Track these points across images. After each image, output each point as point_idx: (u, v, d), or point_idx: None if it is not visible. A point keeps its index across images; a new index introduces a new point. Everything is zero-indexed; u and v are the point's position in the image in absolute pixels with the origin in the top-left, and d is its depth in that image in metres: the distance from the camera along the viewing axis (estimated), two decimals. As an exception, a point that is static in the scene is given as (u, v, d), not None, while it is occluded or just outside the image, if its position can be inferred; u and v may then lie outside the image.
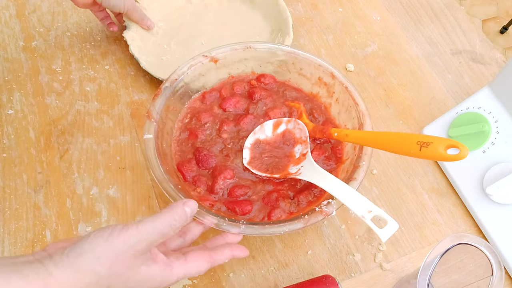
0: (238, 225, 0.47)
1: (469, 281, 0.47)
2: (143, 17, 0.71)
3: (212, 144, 0.58)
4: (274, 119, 0.58)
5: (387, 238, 0.43)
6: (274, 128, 0.58)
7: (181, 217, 0.39)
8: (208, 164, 0.56)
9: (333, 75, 0.60)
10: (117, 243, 0.35)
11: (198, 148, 0.57)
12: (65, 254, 0.35)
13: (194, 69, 0.59)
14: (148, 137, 0.53)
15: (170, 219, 0.38)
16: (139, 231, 0.36)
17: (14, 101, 0.68)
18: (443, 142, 0.43)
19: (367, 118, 0.56)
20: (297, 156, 0.55)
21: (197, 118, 0.60)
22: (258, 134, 0.58)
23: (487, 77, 0.73)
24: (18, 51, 0.72)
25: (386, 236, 0.43)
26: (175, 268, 0.40)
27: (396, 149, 0.47)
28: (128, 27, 0.71)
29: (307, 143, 0.55)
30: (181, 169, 0.55)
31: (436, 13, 0.80)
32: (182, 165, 0.56)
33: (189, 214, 0.40)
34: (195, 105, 0.61)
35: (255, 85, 0.63)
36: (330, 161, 0.57)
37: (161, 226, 0.37)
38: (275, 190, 0.55)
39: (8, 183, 0.61)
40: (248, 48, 0.61)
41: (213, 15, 0.76)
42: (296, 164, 0.54)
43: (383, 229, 0.43)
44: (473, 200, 0.60)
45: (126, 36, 0.70)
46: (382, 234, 0.43)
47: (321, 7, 0.80)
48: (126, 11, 0.68)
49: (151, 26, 0.72)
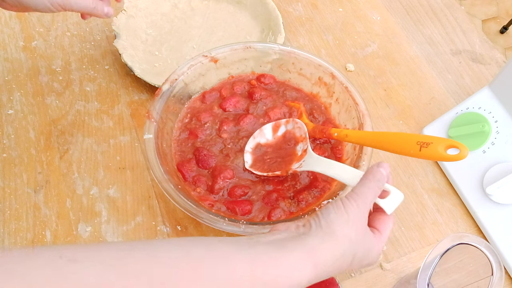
0: (238, 225, 0.47)
1: (469, 281, 0.47)
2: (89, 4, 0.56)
3: (212, 144, 0.58)
4: (272, 122, 0.58)
5: (392, 210, 0.42)
6: (274, 131, 0.58)
7: (382, 176, 0.41)
8: (208, 164, 0.56)
9: (333, 75, 0.60)
10: (354, 209, 0.38)
11: (198, 148, 0.57)
12: (315, 226, 0.38)
13: (194, 69, 0.59)
14: (148, 137, 0.53)
15: (376, 182, 0.41)
16: (359, 196, 0.39)
17: (14, 101, 0.68)
18: (443, 142, 0.43)
19: (367, 118, 0.56)
20: (299, 154, 0.55)
21: (197, 118, 0.60)
22: (258, 138, 0.58)
23: (487, 77, 0.73)
24: (18, 51, 0.72)
25: (391, 208, 0.42)
26: (382, 237, 0.42)
27: (396, 149, 0.47)
28: (118, 36, 0.70)
29: (306, 139, 0.55)
30: (181, 169, 0.55)
31: (436, 13, 0.80)
32: (182, 165, 0.56)
33: (385, 174, 0.42)
34: (195, 105, 0.61)
35: (255, 85, 0.63)
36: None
37: (372, 185, 0.40)
38: (275, 190, 0.54)
39: (8, 183, 0.61)
40: (248, 48, 0.61)
41: (201, 18, 0.76)
42: (298, 161, 0.54)
43: (386, 200, 0.42)
44: (473, 200, 0.60)
45: (117, 45, 0.69)
46: (386, 205, 0.41)
47: (321, 7, 0.80)
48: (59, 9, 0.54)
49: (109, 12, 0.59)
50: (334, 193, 0.52)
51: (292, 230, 0.38)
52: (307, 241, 0.36)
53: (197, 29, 0.75)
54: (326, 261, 0.36)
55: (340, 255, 0.37)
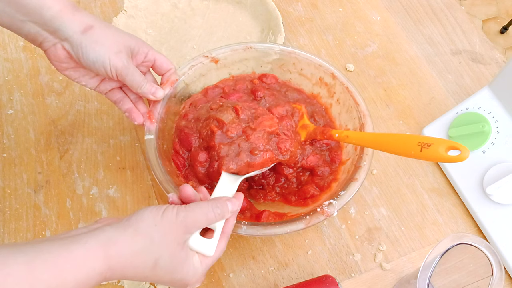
0: (240, 226, 0.47)
1: (469, 281, 0.47)
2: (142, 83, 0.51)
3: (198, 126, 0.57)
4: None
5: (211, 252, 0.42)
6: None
7: (223, 208, 0.42)
8: (189, 144, 0.55)
9: (333, 76, 0.59)
10: (171, 216, 0.39)
11: (181, 128, 0.57)
12: (126, 219, 0.38)
13: (195, 70, 0.59)
14: (149, 138, 0.53)
15: (214, 206, 0.41)
16: (187, 209, 0.40)
17: (14, 101, 0.68)
18: (444, 143, 0.43)
19: (368, 119, 0.56)
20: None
21: (195, 105, 0.59)
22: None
23: (487, 77, 0.73)
24: (18, 51, 0.72)
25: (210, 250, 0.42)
26: (207, 260, 0.42)
27: (397, 151, 0.47)
28: None
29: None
30: (174, 159, 0.55)
31: (436, 13, 0.80)
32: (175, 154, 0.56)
33: (230, 208, 0.43)
34: (196, 98, 0.61)
35: (258, 84, 0.62)
36: (327, 166, 0.57)
37: (206, 210, 0.41)
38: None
39: (8, 183, 0.61)
40: (249, 48, 0.61)
41: (201, 18, 0.76)
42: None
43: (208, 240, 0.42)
44: (473, 200, 0.60)
45: None
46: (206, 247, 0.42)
47: (321, 7, 0.80)
48: (111, 75, 0.49)
49: (156, 93, 0.53)
50: (335, 193, 0.51)
51: (112, 221, 0.39)
52: (106, 232, 0.36)
53: (197, 29, 0.75)
54: (121, 253, 0.36)
55: (139, 250, 0.37)
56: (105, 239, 0.36)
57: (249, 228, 0.47)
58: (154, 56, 0.52)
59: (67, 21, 0.46)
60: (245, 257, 0.57)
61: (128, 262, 0.36)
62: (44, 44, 0.47)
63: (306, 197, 0.55)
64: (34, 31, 0.46)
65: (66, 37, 0.46)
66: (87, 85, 0.52)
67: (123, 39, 0.49)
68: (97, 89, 0.53)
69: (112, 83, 0.53)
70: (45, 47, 0.48)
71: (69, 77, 0.51)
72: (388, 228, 0.60)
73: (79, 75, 0.51)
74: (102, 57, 0.47)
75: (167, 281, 0.40)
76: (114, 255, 0.36)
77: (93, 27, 0.47)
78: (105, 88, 0.53)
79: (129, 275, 0.37)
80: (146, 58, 0.52)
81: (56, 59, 0.49)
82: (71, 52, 0.47)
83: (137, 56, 0.51)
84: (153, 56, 0.52)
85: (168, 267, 0.39)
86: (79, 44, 0.47)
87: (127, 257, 0.36)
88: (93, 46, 0.47)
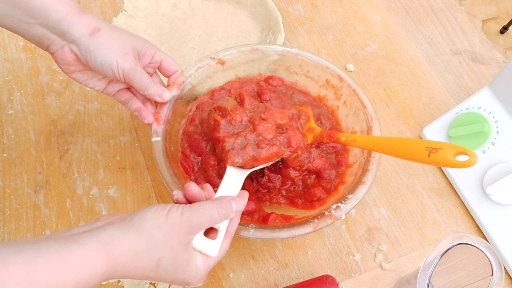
0: (248, 229, 0.47)
1: (469, 281, 0.47)
2: (149, 85, 0.51)
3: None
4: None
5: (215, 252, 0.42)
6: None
7: (228, 208, 0.42)
8: (201, 150, 0.55)
9: (340, 78, 0.59)
10: (176, 217, 0.38)
11: (190, 133, 0.56)
12: (128, 218, 0.38)
13: (201, 71, 0.58)
14: (156, 140, 0.52)
15: (218, 206, 0.41)
16: (191, 210, 0.39)
17: (14, 101, 0.68)
18: (452, 148, 0.42)
19: (375, 121, 0.55)
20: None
21: (201, 108, 0.59)
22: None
23: (487, 77, 0.73)
24: (18, 51, 0.72)
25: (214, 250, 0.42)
26: (209, 260, 0.42)
27: (404, 155, 0.46)
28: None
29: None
30: (183, 164, 0.55)
31: (436, 13, 0.80)
32: (184, 159, 0.55)
33: (235, 208, 0.42)
34: (202, 100, 0.60)
35: (264, 86, 0.62)
36: (333, 169, 0.56)
37: (210, 210, 0.40)
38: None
39: (8, 183, 0.61)
40: (255, 50, 0.60)
41: (201, 18, 0.76)
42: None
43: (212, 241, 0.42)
44: (473, 200, 0.60)
45: None
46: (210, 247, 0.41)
47: (321, 7, 0.80)
48: (119, 76, 0.49)
49: (163, 95, 0.53)
50: (342, 196, 0.50)
51: (114, 219, 0.39)
52: (108, 232, 0.36)
53: (197, 29, 0.75)
54: (123, 254, 0.36)
55: (141, 251, 0.37)
56: (107, 239, 0.36)
57: (257, 231, 0.47)
58: (161, 57, 0.52)
59: (75, 23, 0.46)
60: (245, 257, 0.57)
61: (130, 262, 0.36)
62: (51, 47, 0.47)
63: (313, 200, 0.54)
64: (41, 33, 0.46)
65: (74, 40, 0.46)
66: (94, 88, 0.52)
67: (130, 41, 0.49)
68: (105, 91, 0.53)
69: (119, 85, 0.53)
70: (53, 50, 0.48)
71: (76, 80, 0.51)
72: (388, 228, 0.60)
73: (86, 77, 0.51)
74: (109, 60, 0.47)
75: (169, 280, 0.40)
76: (116, 255, 0.35)
77: (100, 30, 0.47)
78: (113, 90, 0.53)
79: (131, 275, 0.37)
80: (153, 60, 0.52)
81: (63, 62, 0.48)
82: (78, 54, 0.47)
83: (143, 57, 0.51)
84: (159, 57, 0.52)
85: (170, 268, 0.39)
86: (87, 47, 0.46)
87: (129, 257, 0.36)
88: (101, 48, 0.47)
